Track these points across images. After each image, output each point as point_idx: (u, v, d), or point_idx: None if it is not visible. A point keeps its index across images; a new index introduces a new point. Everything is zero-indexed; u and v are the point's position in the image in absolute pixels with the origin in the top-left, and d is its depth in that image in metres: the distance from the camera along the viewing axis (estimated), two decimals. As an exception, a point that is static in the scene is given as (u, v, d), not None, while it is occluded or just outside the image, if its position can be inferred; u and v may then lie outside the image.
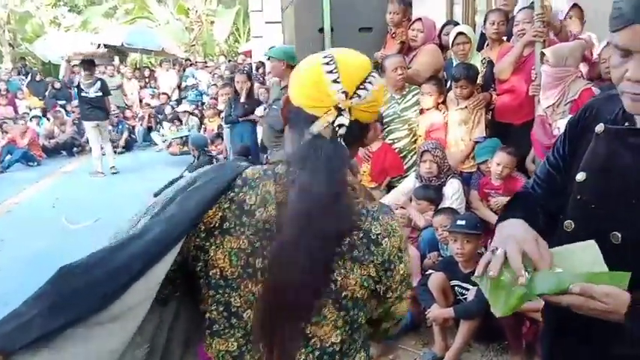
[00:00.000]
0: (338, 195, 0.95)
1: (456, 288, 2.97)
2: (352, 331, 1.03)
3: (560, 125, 3.30)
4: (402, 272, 1.04)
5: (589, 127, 1.14)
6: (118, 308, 0.91)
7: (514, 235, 1.04)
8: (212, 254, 0.97)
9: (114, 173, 8.33)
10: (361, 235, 0.99)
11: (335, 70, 0.97)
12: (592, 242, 1.00)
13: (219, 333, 0.99)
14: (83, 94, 8.08)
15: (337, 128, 0.96)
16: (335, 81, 0.96)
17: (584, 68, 3.64)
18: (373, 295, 1.04)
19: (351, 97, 0.97)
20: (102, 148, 8.32)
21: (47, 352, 0.88)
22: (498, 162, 3.42)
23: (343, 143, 0.98)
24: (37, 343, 0.87)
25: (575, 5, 3.70)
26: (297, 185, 0.94)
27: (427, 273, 3.10)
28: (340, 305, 0.99)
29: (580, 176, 1.11)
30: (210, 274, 0.97)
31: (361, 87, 0.98)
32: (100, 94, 8.11)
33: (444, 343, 2.91)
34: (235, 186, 0.97)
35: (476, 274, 1.04)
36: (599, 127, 1.10)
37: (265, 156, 5.30)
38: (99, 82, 8.16)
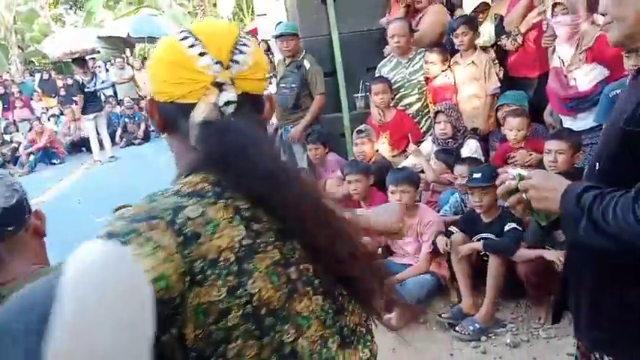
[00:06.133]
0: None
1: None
2: None
3: (576, 76, 3.20)
4: None
5: None
6: None
7: None
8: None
9: (110, 161, 9.15)
10: None
11: (197, 43, 0.80)
12: None
13: None
14: (86, 89, 8.74)
15: (224, 108, 0.80)
16: (201, 54, 0.80)
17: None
18: None
19: (228, 67, 0.81)
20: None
21: None
22: (510, 128, 3.31)
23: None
24: None
25: None
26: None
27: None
28: None
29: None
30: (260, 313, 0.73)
31: (235, 52, 0.81)
32: (98, 87, 9.09)
33: (471, 300, 2.92)
34: (192, 242, 0.70)
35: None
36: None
37: (280, 132, 5.21)
38: (95, 77, 9.12)
